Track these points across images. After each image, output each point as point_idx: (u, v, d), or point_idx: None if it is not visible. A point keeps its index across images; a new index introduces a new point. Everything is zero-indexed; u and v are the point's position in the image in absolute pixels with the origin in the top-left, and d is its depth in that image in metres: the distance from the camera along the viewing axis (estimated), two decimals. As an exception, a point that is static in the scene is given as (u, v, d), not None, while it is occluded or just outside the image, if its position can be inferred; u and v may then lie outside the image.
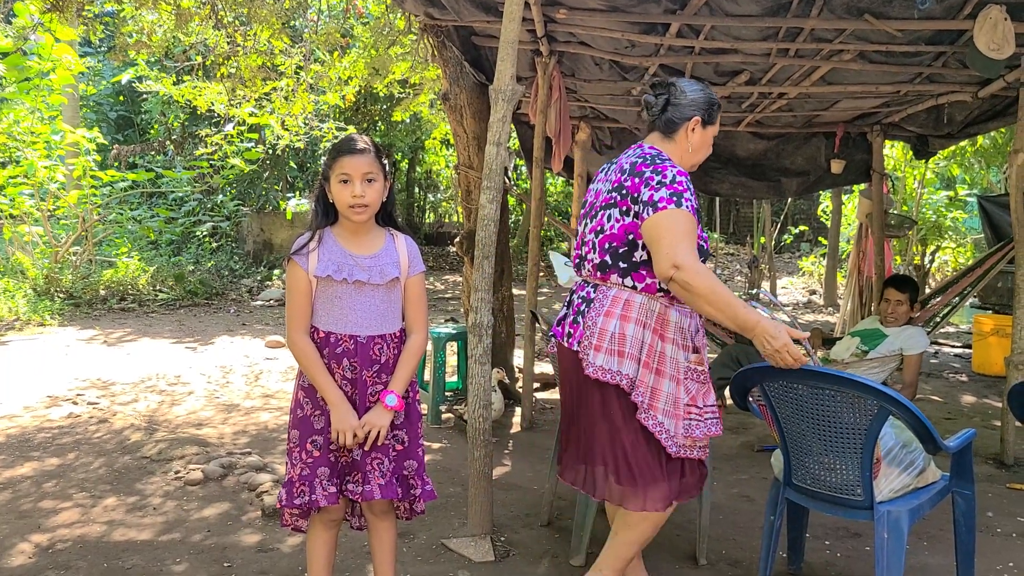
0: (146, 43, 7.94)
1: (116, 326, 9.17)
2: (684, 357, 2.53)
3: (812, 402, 2.52)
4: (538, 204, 5.41)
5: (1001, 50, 4.04)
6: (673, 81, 2.67)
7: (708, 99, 2.65)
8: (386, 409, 2.42)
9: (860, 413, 2.45)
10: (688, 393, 2.53)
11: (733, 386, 2.71)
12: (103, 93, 17.31)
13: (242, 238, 14.37)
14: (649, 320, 2.50)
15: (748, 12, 4.24)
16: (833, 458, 2.56)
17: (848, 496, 2.57)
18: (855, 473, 2.53)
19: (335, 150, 2.46)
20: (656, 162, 2.49)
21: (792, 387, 2.53)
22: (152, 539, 3.41)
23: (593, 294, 2.57)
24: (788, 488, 2.76)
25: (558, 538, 3.48)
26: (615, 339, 2.47)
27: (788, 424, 2.65)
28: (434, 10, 4.60)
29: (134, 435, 4.91)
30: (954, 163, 12.00)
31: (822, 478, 2.62)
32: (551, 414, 5.57)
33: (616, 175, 2.58)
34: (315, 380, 2.41)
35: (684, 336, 2.54)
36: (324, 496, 2.41)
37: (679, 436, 2.50)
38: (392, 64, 8.52)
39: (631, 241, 2.49)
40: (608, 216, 2.55)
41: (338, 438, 2.39)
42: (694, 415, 2.53)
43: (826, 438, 2.54)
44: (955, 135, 6.27)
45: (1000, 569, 3.28)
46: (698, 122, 2.62)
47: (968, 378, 7.16)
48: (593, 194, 2.69)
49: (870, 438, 2.46)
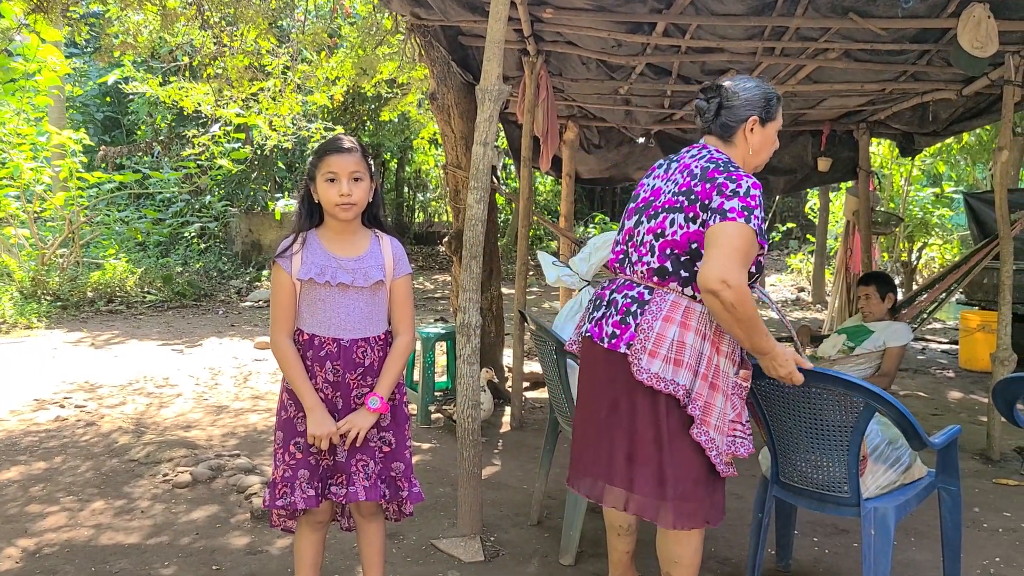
0: (132, 44, 7.91)
1: (103, 328, 9.13)
2: (733, 372, 2.43)
3: (800, 400, 2.53)
4: (526, 203, 5.41)
5: (985, 48, 4.07)
6: (723, 83, 2.53)
7: (765, 95, 2.50)
8: (369, 411, 2.42)
9: (847, 411, 2.46)
10: (735, 409, 2.42)
11: None
12: (89, 94, 17.22)
13: (230, 239, 14.33)
14: (708, 331, 2.37)
15: (733, 11, 4.25)
16: (820, 455, 2.57)
17: (835, 493, 2.58)
18: (842, 470, 2.54)
19: (321, 149, 2.45)
20: (730, 168, 2.37)
21: (780, 386, 2.53)
22: (140, 542, 3.40)
23: (648, 296, 2.40)
24: (775, 486, 2.77)
25: (548, 537, 3.49)
26: (674, 346, 2.33)
27: (776, 422, 2.66)
28: (420, 10, 4.59)
29: (122, 438, 4.89)
30: (940, 160, 12.09)
31: (809, 475, 2.63)
32: (541, 413, 5.58)
33: (684, 178, 2.42)
34: (294, 383, 2.41)
35: (734, 350, 2.44)
36: (303, 499, 2.40)
37: (724, 454, 2.39)
38: (380, 64, 8.51)
39: (694, 250, 2.34)
40: (671, 221, 2.39)
41: (315, 443, 2.39)
42: (738, 432, 2.41)
43: (813, 436, 2.55)
44: (940, 133, 6.32)
45: (987, 564, 3.30)
46: (756, 121, 2.49)
47: (955, 374, 7.21)
48: (650, 191, 2.54)
49: (856, 435, 2.47)
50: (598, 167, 7.67)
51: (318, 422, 2.38)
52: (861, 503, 2.54)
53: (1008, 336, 4.62)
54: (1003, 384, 2.63)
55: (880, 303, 4.55)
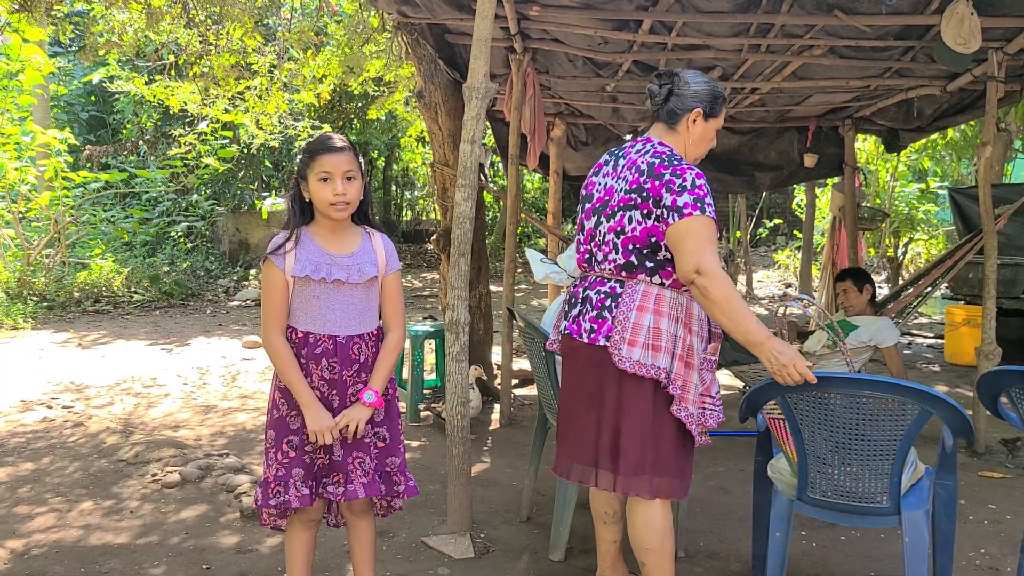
0: (117, 43, 7.87)
1: (90, 328, 9.08)
2: (702, 348, 2.57)
3: (846, 411, 2.45)
4: (514, 201, 5.42)
5: (968, 45, 4.10)
6: (678, 72, 2.64)
7: (712, 91, 2.62)
8: (365, 406, 2.43)
9: (899, 417, 2.40)
10: (704, 383, 2.56)
11: (747, 401, 2.62)
12: (74, 93, 17.08)
13: (217, 238, 14.27)
14: (680, 314, 2.52)
15: (719, 8, 4.27)
16: (860, 467, 2.49)
17: (871, 504, 2.52)
18: (883, 480, 2.47)
19: (313, 148, 2.45)
20: (673, 163, 2.48)
21: (824, 397, 2.45)
22: (129, 542, 3.39)
23: (620, 289, 2.53)
24: (800, 503, 2.64)
25: (537, 533, 3.50)
26: (651, 333, 2.47)
27: (814, 436, 2.53)
28: (407, 8, 4.59)
29: (110, 438, 4.87)
30: (925, 156, 12.16)
31: (846, 488, 2.54)
32: (530, 410, 5.59)
33: (633, 175, 2.54)
34: (288, 381, 2.41)
35: (702, 326, 2.58)
36: (297, 497, 2.41)
37: (699, 425, 2.56)
38: (366, 62, 8.49)
39: (654, 243, 2.49)
40: (629, 218, 2.52)
41: (316, 439, 2.39)
42: (708, 404, 2.57)
43: (857, 447, 2.47)
44: (925, 128, 6.36)
45: (972, 556, 3.34)
46: (700, 114, 2.60)
47: (940, 368, 7.26)
48: (603, 190, 2.65)
49: (907, 442, 2.40)
50: (585, 164, 7.67)
51: (316, 418, 2.38)
52: (901, 511, 2.49)
53: (993, 330, 4.66)
54: (987, 378, 2.64)
55: (859, 295, 4.75)
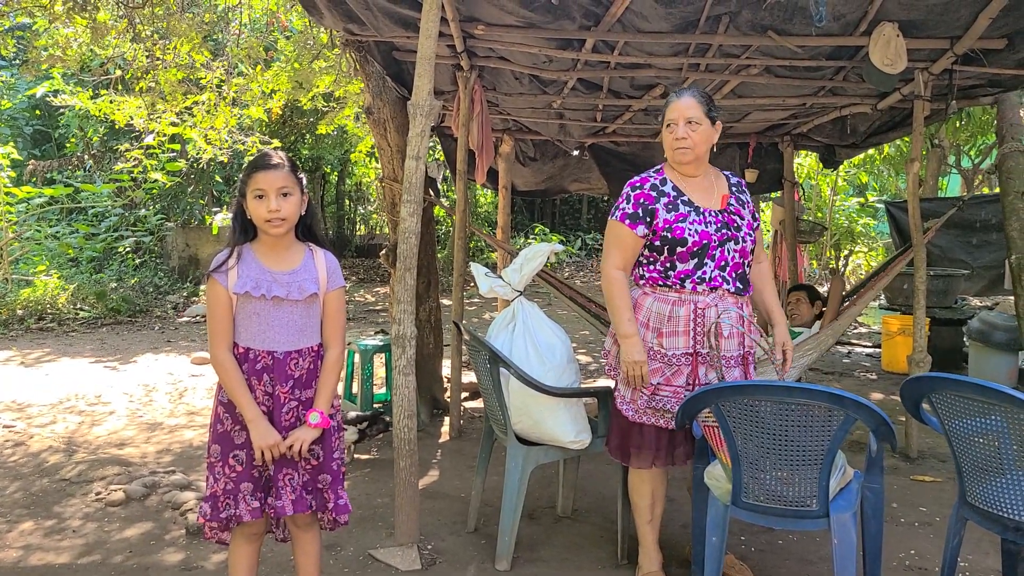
0: (61, 57, 7.75)
1: (34, 346, 8.89)
2: (652, 337, 2.93)
3: (775, 418, 2.55)
4: (462, 216, 5.47)
5: (895, 65, 4.27)
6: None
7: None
8: (310, 427, 2.46)
9: (825, 423, 2.49)
10: (662, 375, 2.92)
11: (682, 408, 2.72)
12: (18, 107, 16.69)
13: (166, 253, 14.04)
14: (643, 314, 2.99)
15: (659, 28, 4.39)
16: (791, 472, 2.58)
17: (802, 507, 2.62)
18: (812, 484, 2.57)
19: (250, 166, 2.49)
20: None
21: (755, 405, 2.55)
22: (71, 562, 3.36)
23: None
24: (734, 508, 2.73)
25: (484, 544, 3.55)
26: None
27: (746, 443, 2.63)
28: (354, 26, 4.64)
29: (52, 457, 4.80)
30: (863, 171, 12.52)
31: (778, 493, 2.63)
32: (479, 423, 5.63)
33: None
34: (235, 397, 2.43)
35: (649, 320, 2.94)
36: (248, 511, 2.44)
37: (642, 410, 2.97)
38: (316, 78, 8.50)
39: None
40: None
41: (262, 455, 2.42)
42: (665, 392, 2.93)
43: (788, 452, 2.57)
44: (859, 145, 6.57)
45: (903, 556, 3.47)
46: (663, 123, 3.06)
47: (877, 376, 7.48)
48: None
49: (834, 447, 2.50)
50: (534, 179, 7.78)
51: (262, 434, 2.41)
52: (830, 514, 2.59)
53: (924, 339, 4.84)
54: (910, 384, 2.72)
55: (809, 307, 5.19)
